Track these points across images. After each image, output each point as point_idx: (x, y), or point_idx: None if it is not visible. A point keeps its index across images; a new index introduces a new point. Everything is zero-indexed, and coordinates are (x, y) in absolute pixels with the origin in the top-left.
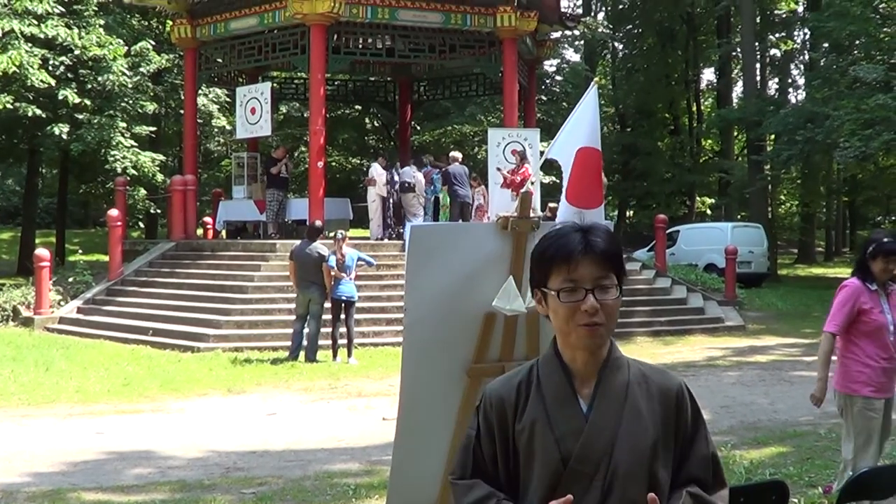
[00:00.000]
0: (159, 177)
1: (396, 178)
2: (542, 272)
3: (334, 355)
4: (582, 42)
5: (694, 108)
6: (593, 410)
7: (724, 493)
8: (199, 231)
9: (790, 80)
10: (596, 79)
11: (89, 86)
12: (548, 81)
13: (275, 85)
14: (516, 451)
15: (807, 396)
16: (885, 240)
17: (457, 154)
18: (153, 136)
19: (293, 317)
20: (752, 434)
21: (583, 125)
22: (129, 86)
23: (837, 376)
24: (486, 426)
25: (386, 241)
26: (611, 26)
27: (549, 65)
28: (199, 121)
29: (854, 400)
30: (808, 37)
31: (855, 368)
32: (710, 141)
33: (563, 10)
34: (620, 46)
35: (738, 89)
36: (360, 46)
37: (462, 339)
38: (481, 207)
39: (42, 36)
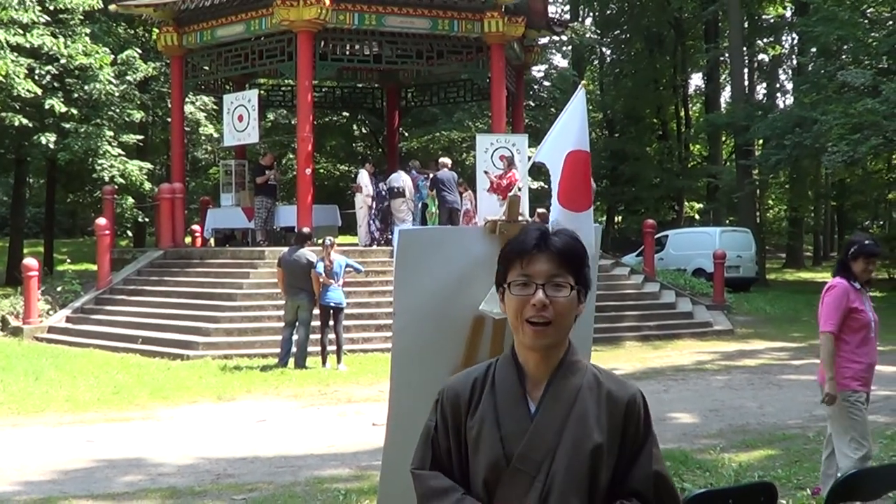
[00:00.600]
0: (147, 185)
1: (383, 186)
2: (503, 269)
3: (323, 362)
4: (570, 47)
5: (682, 113)
6: (539, 412)
7: None
8: (188, 239)
9: (778, 85)
10: (583, 82)
11: (76, 95)
12: (536, 87)
13: (262, 92)
14: (467, 446)
15: (795, 399)
16: (867, 242)
17: (445, 160)
18: (140, 144)
19: (282, 324)
20: (741, 437)
21: (571, 128)
22: (116, 94)
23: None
24: (443, 420)
25: (374, 247)
26: (598, 31)
27: (537, 70)
28: (186, 129)
29: (845, 394)
30: (795, 41)
31: (844, 364)
32: (698, 146)
33: (550, 15)
34: (608, 52)
35: (726, 94)
36: (348, 53)
37: (451, 343)
38: (469, 212)
39: (28, 45)
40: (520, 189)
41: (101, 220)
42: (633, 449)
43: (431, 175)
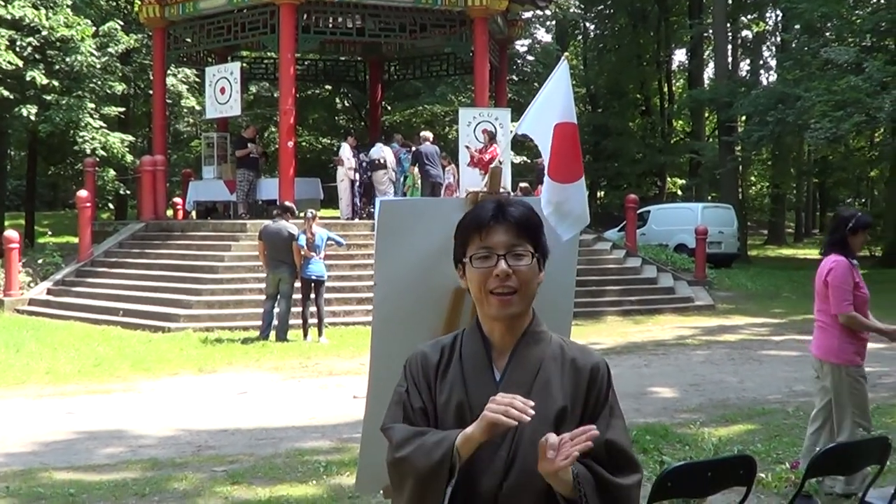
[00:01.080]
0: (128, 158)
1: (364, 158)
2: (461, 244)
3: (305, 334)
4: (553, 22)
5: (665, 89)
6: (504, 380)
7: (628, 478)
8: (169, 212)
9: (762, 62)
10: (566, 54)
11: (57, 67)
12: (519, 61)
13: (244, 65)
14: (436, 409)
15: (775, 375)
16: (860, 214)
17: (428, 134)
18: (122, 116)
19: (263, 296)
20: (721, 412)
21: (556, 101)
22: (98, 66)
23: (829, 350)
24: (413, 383)
25: (356, 220)
26: (582, 6)
27: (521, 45)
28: (168, 101)
29: (848, 370)
30: (779, 18)
31: (847, 340)
32: (681, 122)
33: None
34: (592, 27)
35: (709, 70)
36: (331, 26)
37: (431, 314)
38: (451, 186)
39: (9, 17)
40: (501, 162)
41: (83, 193)
42: (594, 415)
43: (414, 148)
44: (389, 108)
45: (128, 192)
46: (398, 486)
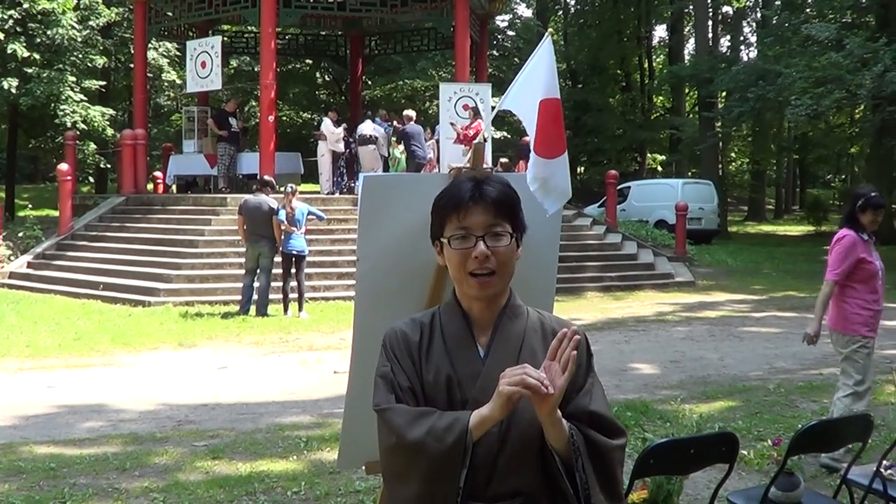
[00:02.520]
0: (109, 131)
1: (346, 134)
2: (438, 223)
3: (285, 309)
4: None
5: (646, 65)
6: (489, 356)
7: (616, 440)
8: (150, 186)
9: (742, 38)
10: (550, 30)
11: (38, 40)
12: (500, 37)
13: (225, 38)
14: (423, 388)
15: (755, 351)
16: (872, 194)
17: (410, 113)
18: (103, 90)
19: (243, 271)
20: (702, 388)
21: (540, 77)
22: (79, 39)
23: (838, 319)
24: (397, 361)
25: (336, 195)
26: None
27: (501, 20)
28: (149, 75)
29: (855, 339)
30: None
31: (853, 311)
32: (661, 98)
33: None
34: (572, 2)
35: (689, 46)
36: (311, 0)
37: (415, 289)
38: (431, 161)
39: None
40: (485, 139)
41: (63, 166)
42: (575, 383)
43: (400, 128)
44: (370, 82)
45: (108, 165)
46: (403, 472)
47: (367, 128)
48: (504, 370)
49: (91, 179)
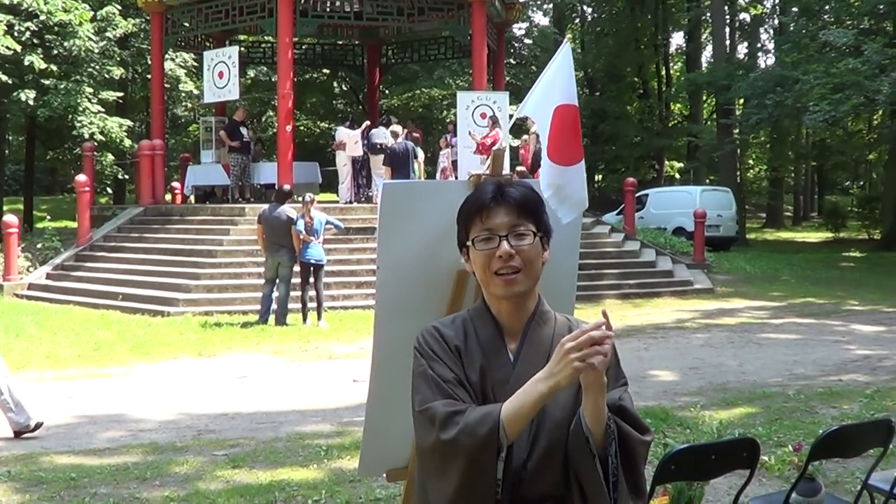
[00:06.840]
0: (127, 142)
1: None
2: (463, 229)
3: (304, 318)
4: (551, 5)
5: (663, 72)
6: (519, 363)
7: (645, 436)
8: (168, 196)
9: (759, 45)
10: (568, 37)
11: (55, 51)
12: (517, 45)
13: (242, 49)
14: (468, 380)
15: (775, 358)
16: None
17: (396, 128)
18: (120, 101)
19: (262, 280)
20: (721, 395)
21: (558, 83)
22: (96, 51)
23: None
24: (436, 356)
25: (355, 204)
26: None
27: (518, 28)
28: (166, 85)
29: None
30: (777, 1)
31: None
32: (678, 105)
33: None
34: (590, 10)
35: (707, 53)
36: (328, 9)
37: (434, 297)
38: (445, 170)
39: (7, 2)
40: (503, 147)
41: (81, 177)
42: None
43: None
44: (387, 91)
45: (126, 176)
46: (441, 469)
47: (378, 136)
48: (534, 374)
49: (109, 190)
